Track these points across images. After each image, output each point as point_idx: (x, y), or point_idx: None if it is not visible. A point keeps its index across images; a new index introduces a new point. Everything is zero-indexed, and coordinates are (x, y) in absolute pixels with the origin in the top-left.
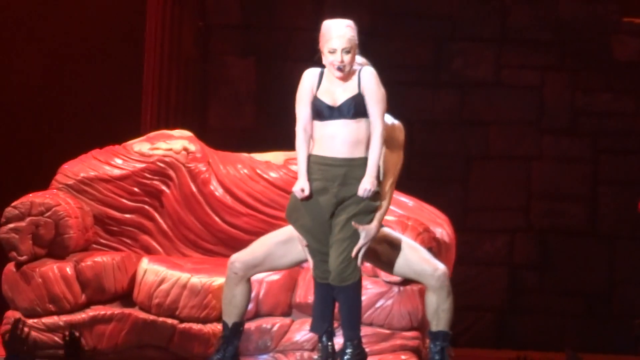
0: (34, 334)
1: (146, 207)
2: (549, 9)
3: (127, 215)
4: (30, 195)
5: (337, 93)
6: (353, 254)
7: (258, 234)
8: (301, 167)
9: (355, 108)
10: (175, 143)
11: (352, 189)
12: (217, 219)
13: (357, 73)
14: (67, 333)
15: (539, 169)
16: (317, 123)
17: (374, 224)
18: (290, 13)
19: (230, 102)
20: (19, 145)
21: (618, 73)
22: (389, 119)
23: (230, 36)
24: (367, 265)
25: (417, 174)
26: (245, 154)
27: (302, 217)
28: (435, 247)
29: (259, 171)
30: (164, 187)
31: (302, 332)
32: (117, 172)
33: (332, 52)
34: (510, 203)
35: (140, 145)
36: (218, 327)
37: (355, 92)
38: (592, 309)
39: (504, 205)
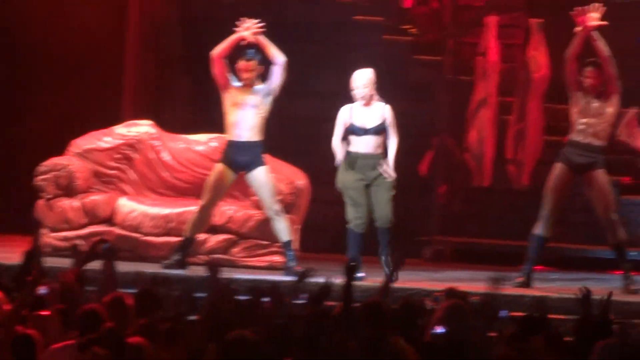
0: (54, 242)
1: (123, 166)
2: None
3: (111, 172)
4: (52, 159)
5: (366, 118)
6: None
7: (192, 183)
8: (338, 156)
9: (378, 130)
10: (141, 128)
11: (377, 171)
12: (166, 174)
13: (381, 107)
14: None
15: None
16: (354, 137)
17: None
18: None
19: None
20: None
21: (411, 91)
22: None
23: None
24: None
25: (291, 155)
26: (183, 135)
27: (348, 189)
28: (297, 192)
29: (191, 146)
30: (134, 155)
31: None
32: (106, 145)
33: (354, 89)
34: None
35: (120, 129)
36: (167, 239)
37: (380, 121)
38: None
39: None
